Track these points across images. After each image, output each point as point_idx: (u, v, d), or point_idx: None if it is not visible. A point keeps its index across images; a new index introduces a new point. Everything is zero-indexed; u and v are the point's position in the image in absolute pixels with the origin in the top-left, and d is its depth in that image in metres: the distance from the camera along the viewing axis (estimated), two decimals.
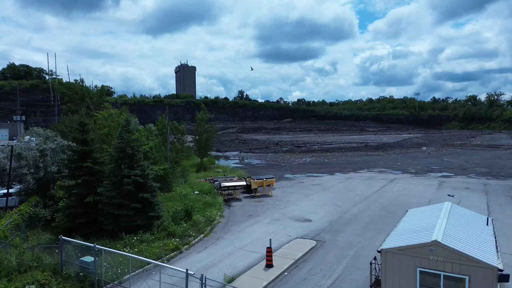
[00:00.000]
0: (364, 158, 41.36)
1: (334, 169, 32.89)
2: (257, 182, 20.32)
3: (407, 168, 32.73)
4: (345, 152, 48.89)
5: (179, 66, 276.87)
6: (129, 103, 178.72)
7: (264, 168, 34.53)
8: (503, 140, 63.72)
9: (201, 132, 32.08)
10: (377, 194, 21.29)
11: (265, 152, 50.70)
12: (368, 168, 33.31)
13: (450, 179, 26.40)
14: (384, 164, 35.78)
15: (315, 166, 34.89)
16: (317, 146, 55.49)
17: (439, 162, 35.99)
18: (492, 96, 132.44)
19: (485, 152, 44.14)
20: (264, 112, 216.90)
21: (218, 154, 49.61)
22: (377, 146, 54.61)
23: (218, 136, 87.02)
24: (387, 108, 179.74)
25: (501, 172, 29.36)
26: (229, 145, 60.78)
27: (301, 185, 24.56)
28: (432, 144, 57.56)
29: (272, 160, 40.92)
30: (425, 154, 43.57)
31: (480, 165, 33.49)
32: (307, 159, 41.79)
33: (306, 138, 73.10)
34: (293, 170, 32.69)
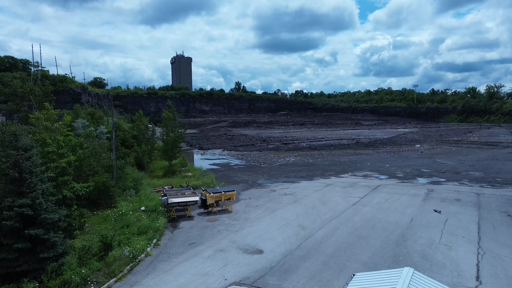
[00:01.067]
0: (352, 158, 38.56)
1: (316, 172, 30.14)
2: (213, 197, 17.53)
3: (395, 171, 29.97)
4: (333, 150, 46.10)
5: (175, 57, 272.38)
6: (122, 95, 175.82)
7: (241, 170, 31.77)
8: (501, 136, 60.87)
9: (167, 133, 29.14)
10: (353, 208, 18.55)
11: (250, 150, 47.94)
12: (352, 171, 30.56)
13: (439, 187, 23.66)
14: (371, 166, 33.01)
15: (296, 168, 32.13)
16: (306, 143, 52.66)
17: (430, 164, 33.21)
18: (492, 88, 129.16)
19: (481, 151, 41.34)
20: (260, 104, 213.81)
21: (199, 152, 46.83)
22: (368, 143, 51.79)
23: (207, 131, 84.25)
24: (385, 100, 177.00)
25: (497, 178, 26.61)
26: (215, 141, 57.98)
27: (272, 195, 21.80)
28: (426, 141, 54.74)
29: (253, 160, 38.16)
30: (418, 153, 40.78)
31: (475, 168, 30.73)
32: (291, 158, 39.02)
33: (297, 134, 70.26)
34: (271, 173, 29.93)
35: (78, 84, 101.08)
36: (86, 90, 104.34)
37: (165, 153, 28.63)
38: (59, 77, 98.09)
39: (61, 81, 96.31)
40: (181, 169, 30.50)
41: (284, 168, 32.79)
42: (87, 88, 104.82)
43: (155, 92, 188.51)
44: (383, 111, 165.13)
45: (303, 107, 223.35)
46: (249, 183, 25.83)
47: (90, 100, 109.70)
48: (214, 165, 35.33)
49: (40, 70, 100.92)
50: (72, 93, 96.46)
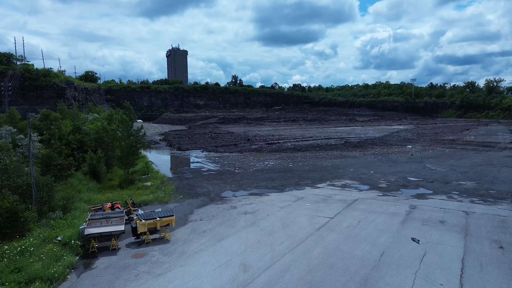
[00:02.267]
0: (336, 161, 35.58)
1: (291, 180, 27.17)
2: (145, 224, 14.53)
3: (378, 180, 27.00)
4: (318, 151, 43.11)
5: (170, 50, 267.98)
6: (114, 89, 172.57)
7: (210, 178, 28.80)
8: (499, 135, 57.81)
9: (122, 138, 26.00)
10: (316, 235, 15.60)
11: (231, 150, 44.95)
12: (332, 179, 27.59)
13: (424, 203, 20.70)
14: (354, 172, 30.04)
15: (271, 176, 29.16)
16: (292, 143, 49.63)
17: (419, 170, 30.23)
18: (491, 82, 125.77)
19: (476, 154, 38.31)
20: (256, 98, 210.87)
21: (175, 154, 43.85)
22: (358, 143, 48.75)
23: (195, 128, 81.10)
24: (382, 95, 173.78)
25: (491, 189, 23.63)
26: (198, 140, 54.95)
27: (229, 214, 18.84)
28: (420, 140, 51.71)
29: (229, 164, 35.20)
30: (407, 156, 37.77)
31: (468, 176, 27.74)
32: (271, 162, 36.05)
33: (286, 132, 67.19)
34: (242, 182, 26.98)
35: (63, 79, 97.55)
36: (72, 84, 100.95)
37: (120, 160, 25.56)
38: (42, 71, 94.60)
39: (45, 76, 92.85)
40: (142, 177, 27.52)
41: (259, 175, 29.82)
42: (72, 83, 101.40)
43: (148, 86, 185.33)
44: (380, 106, 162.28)
45: (300, 101, 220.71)
46: (211, 196, 22.87)
47: (77, 95, 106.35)
48: (184, 171, 32.33)
49: (24, 64, 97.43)
50: (56, 88, 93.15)
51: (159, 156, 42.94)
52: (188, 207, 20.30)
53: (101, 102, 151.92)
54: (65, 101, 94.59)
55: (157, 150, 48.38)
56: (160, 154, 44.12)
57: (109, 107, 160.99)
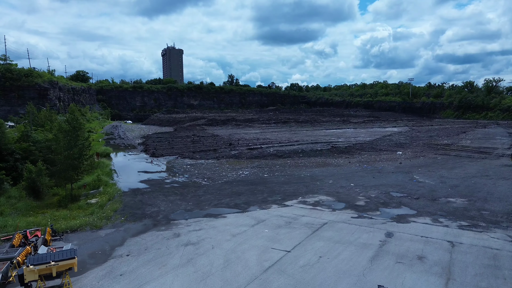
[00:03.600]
0: (316, 171, 32.38)
1: (258, 196, 23.98)
2: (35, 271, 11.33)
3: (357, 196, 23.79)
4: (301, 158, 39.92)
5: (165, 49, 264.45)
6: (106, 89, 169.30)
7: (168, 192, 25.62)
8: (497, 139, 54.57)
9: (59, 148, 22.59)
10: (260, 281, 12.40)
11: (208, 157, 41.78)
12: (305, 194, 24.40)
13: (404, 228, 17.51)
14: (332, 185, 26.84)
15: (239, 190, 25.98)
16: (275, 148, 46.42)
17: (405, 183, 27.02)
18: (490, 82, 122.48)
19: (471, 162, 35.08)
20: (252, 98, 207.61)
21: (147, 160, 40.60)
22: (345, 148, 45.53)
23: (180, 130, 77.86)
24: (379, 94, 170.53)
25: (484, 209, 20.44)
26: (177, 144, 51.75)
27: (166, 246, 15.64)
28: (412, 145, 48.50)
29: (199, 174, 32.05)
30: (395, 165, 34.57)
31: (458, 191, 24.54)
32: (245, 172, 32.87)
33: (273, 135, 63.98)
34: (202, 198, 23.80)
35: (46, 79, 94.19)
36: (56, 84, 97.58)
37: (58, 175, 22.29)
38: (24, 71, 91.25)
39: (27, 76, 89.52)
40: (89, 192, 24.29)
41: (226, 188, 26.63)
42: (57, 83, 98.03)
43: (141, 86, 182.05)
44: (377, 106, 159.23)
45: (296, 101, 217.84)
46: (158, 218, 19.67)
47: (62, 96, 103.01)
48: (144, 183, 29.12)
49: (7, 63, 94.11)
50: (39, 89, 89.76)
51: (127, 163, 39.75)
52: (122, 234, 17.10)
53: (92, 102, 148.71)
54: (48, 102, 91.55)
55: (130, 156, 45.19)
56: (129, 161, 40.93)
57: (100, 107, 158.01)
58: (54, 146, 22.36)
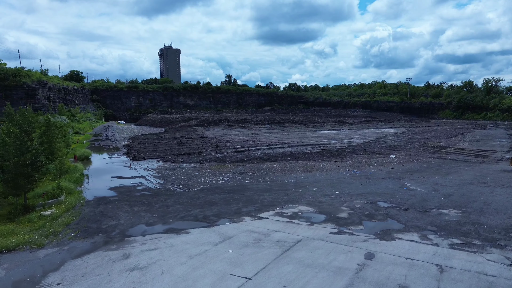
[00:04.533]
0: (301, 177, 30.20)
1: (233, 207, 21.83)
2: None
3: (341, 206, 21.61)
4: (289, 162, 37.74)
5: (162, 49, 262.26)
6: (100, 89, 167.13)
7: (138, 201, 23.45)
8: (496, 141, 52.40)
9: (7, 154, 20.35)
10: None
11: (191, 160, 39.64)
12: (284, 204, 22.22)
13: (388, 247, 15.34)
14: (316, 193, 24.66)
15: (213, 199, 23.82)
16: (263, 151, 44.27)
17: (395, 191, 24.83)
18: (490, 82, 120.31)
19: (467, 167, 32.87)
20: (249, 98, 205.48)
21: (126, 164, 38.41)
22: (336, 151, 43.35)
23: (170, 131, 75.71)
24: (377, 94, 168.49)
25: (479, 223, 18.26)
26: (161, 147, 49.60)
27: (107, 272, 13.42)
28: (407, 147, 46.32)
29: (176, 180, 29.89)
30: (387, 170, 32.39)
31: (452, 201, 22.35)
32: (226, 177, 30.70)
33: (265, 136, 61.82)
34: (169, 209, 21.63)
35: (34, 78, 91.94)
36: (45, 84, 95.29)
37: (7, 184, 20.08)
38: (12, 71, 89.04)
39: (14, 75, 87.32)
40: (47, 202, 22.08)
41: (200, 197, 24.46)
42: (46, 82, 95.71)
43: (136, 86, 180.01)
44: (375, 106, 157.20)
45: (294, 101, 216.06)
46: (112, 234, 17.50)
47: (52, 96, 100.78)
48: (114, 190, 26.94)
49: None
50: (26, 88, 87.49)
51: (103, 167, 37.60)
52: (62, 256, 14.92)
53: (86, 102, 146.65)
54: (36, 102, 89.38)
55: (109, 159, 43.04)
56: (106, 165, 38.77)
57: (94, 107, 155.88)
58: (0, 151, 20.15)
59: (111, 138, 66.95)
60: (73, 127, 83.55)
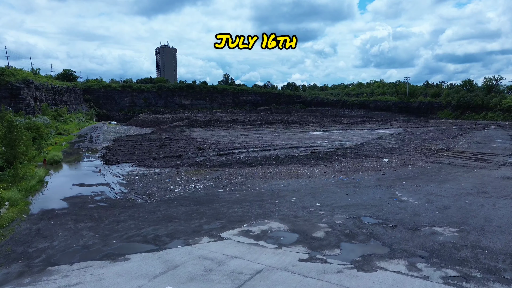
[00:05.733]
0: (281, 184, 27.17)
1: (194, 223, 18.79)
2: None
3: (319, 222, 18.57)
4: (272, 166, 34.72)
5: (159, 48, 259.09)
6: (93, 88, 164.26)
7: (87, 215, 20.42)
8: (498, 143, 49.32)
9: None
10: None
11: (168, 164, 36.64)
12: (254, 219, 19.19)
13: (365, 283, 12.27)
14: (293, 205, 21.61)
15: (174, 213, 20.81)
16: (248, 154, 41.24)
17: (383, 202, 21.79)
18: (490, 80, 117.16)
19: (466, 173, 29.79)
20: (245, 98, 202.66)
21: (96, 168, 35.39)
22: (325, 154, 40.29)
23: (157, 132, 72.78)
24: (376, 94, 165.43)
25: (479, 247, 15.22)
26: (140, 150, 46.58)
27: None
28: (402, 150, 43.29)
29: (141, 189, 26.87)
30: (377, 176, 29.32)
31: (448, 215, 19.31)
32: (198, 185, 27.67)
33: (254, 137, 58.79)
34: (118, 227, 18.60)
35: (19, 77, 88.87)
36: (31, 83, 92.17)
37: None
38: None
39: None
40: None
41: (161, 210, 21.44)
42: (32, 82, 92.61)
43: (130, 86, 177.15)
44: (373, 106, 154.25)
45: (291, 100, 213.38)
46: (34, 262, 14.46)
47: (39, 95, 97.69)
48: (67, 201, 23.90)
49: None
50: (10, 88, 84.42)
51: (69, 173, 34.60)
52: None
53: (78, 102, 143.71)
54: (21, 102, 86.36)
55: (81, 163, 40.03)
56: (74, 171, 35.78)
57: (87, 107, 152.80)
58: None
59: (95, 140, 64.05)
60: (57, 127, 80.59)
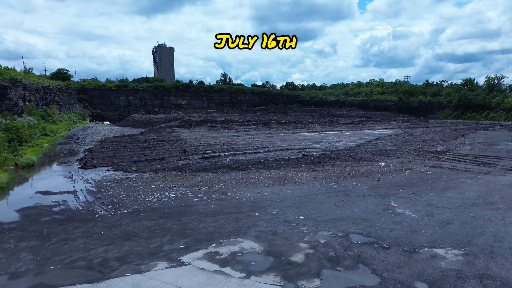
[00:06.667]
0: (265, 193, 24.47)
1: (154, 242, 16.10)
2: None
3: (298, 243, 15.87)
4: (259, 171, 32.03)
5: (156, 47, 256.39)
6: (88, 88, 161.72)
7: (41, 228, 17.76)
8: (502, 145, 46.59)
9: None
10: None
11: (147, 169, 33.96)
12: (225, 238, 16.50)
13: None
14: (274, 219, 18.92)
15: (135, 228, 18.12)
16: (234, 158, 38.53)
17: (376, 216, 19.09)
18: (492, 79, 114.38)
19: (470, 180, 27.05)
20: (243, 98, 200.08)
21: (70, 173, 32.72)
22: (318, 157, 37.58)
23: (147, 132, 70.19)
24: (375, 93, 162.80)
25: (489, 277, 12.44)
26: (121, 152, 43.89)
27: None
28: (400, 152, 40.60)
29: (110, 197, 24.18)
30: (371, 183, 26.59)
31: (450, 233, 16.60)
32: (173, 193, 24.98)
33: (245, 139, 56.09)
34: (66, 247, 15.88)
35: (6, 77, 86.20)
36: (20, 83, 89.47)
37: None
38: None
39: None
40: None
41: (122, 224, 18.76)
42: (20, 81, 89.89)
43: (126, 85, 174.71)
44: (372, 106, 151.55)
45: (290, 100, 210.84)
46: None
47: (28, 95, 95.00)
48: (21, 212, 21.18)
49: None
50: None
51: (38, 178, 31.91)
52: None
53: (72, 102, 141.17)
54: (8, 102, 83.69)
55: (55, 167, 37.36)
56: (44, 175, 33.11)
57: (81, 107, 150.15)
58: None
59: (81, 141, 61.36)
60: (44, 128, 78.00)
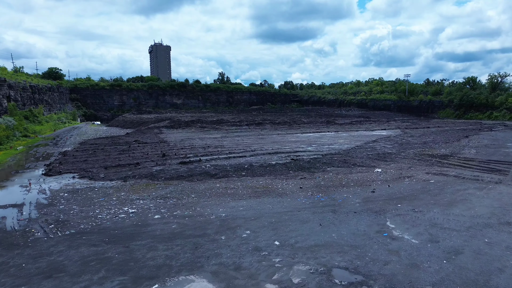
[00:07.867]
0: (240, 207, 20.89)
1: (80, 283, 12.58)
2: None
3: (265, 284, 12.31)
4: (240, 178, 28.44)
5: (152, 46, 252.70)
6: (80, 87, 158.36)
7: None
8: (510, 147, 42.89)
9: None
10: None
11: (117, 176, 30.40)
12: (173, 275, 12.92)
13: None
14: (243, 244, 15.36)
15: (71, 257, 14.56)
16: (216, 162, 34.96)
17: (367, 242, 15.53)
18: (495, 77, 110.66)
19: (479, 191, 23.42)
20: (240, 97, 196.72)
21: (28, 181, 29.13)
22: (308, 162, 33.99)
23: (133, 134, 66.68)
24: (374, 92, 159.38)
25: None
26: (95, 156, 40.33)
27: None
28: (399, 156, 37.03)
29: (59, 211, 20.65)
30: (365, 195, 23.02)
31: (461, 269, 13.03)
32: (133, 208, 21.42)
33: (233, 140, 52.54)
34: None
35: None
36: (4, 82, 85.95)
37: None
38: None
39: None
40: None
41: (54, 252, 15.20)
42: (4, 80, 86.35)
43: (120, 84, 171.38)
44: (371, 105, 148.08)
45: (287, 99, 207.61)
46: None
47: (14, 95, 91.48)
48: None
49: None
50: None
51: None
52: None
53: (64, 102, 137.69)
54: None
55: (18, 173, 33.79)
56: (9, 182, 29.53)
57: (74, 107, 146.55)
58: None
59: (61, 143, 57.80)
60: (27, 129, 74.46)
